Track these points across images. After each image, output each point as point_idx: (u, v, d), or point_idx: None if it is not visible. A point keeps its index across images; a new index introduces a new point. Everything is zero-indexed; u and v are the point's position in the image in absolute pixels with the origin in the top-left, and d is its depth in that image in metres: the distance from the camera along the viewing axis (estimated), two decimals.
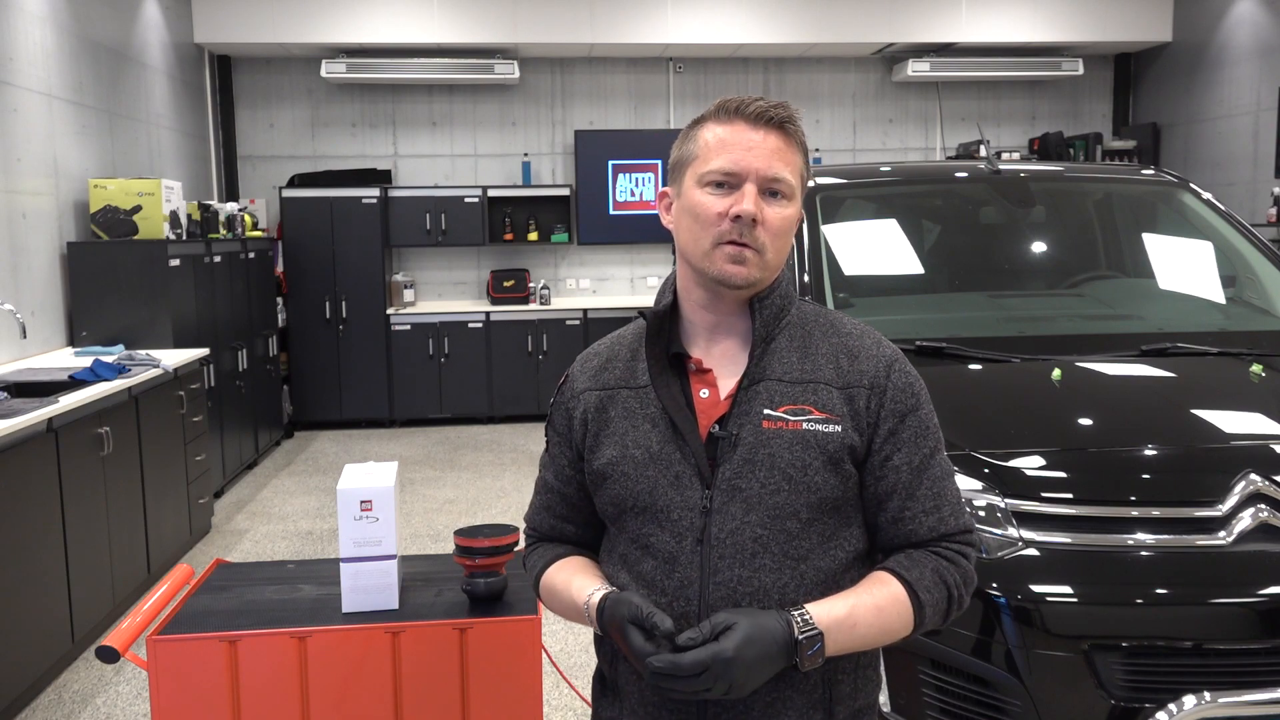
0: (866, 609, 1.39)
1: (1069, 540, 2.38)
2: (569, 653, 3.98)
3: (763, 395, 1.44)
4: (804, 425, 1.42)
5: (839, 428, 1.43)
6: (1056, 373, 2.91)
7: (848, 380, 1.46)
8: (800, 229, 3.46)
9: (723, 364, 1.49)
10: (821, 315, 1.54)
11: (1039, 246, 3.83)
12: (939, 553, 1.45)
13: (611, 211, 8.69)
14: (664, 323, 1.51)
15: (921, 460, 1.46)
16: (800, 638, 1.33)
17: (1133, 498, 2.45)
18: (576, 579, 1.50)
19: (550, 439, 1.61)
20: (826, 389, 1.45)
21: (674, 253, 1.56)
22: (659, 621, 1.33)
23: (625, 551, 1.48)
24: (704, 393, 1.47)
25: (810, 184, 3.77)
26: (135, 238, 5.69)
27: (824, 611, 1.37)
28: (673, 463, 1.44)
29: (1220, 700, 2.19)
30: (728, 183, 1.43)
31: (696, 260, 1.46)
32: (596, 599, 1.43)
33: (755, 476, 1.41)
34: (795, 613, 1.35)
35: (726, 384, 1.48)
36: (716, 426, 1.44)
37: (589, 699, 1.66)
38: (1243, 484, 2.39)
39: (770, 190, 1.43)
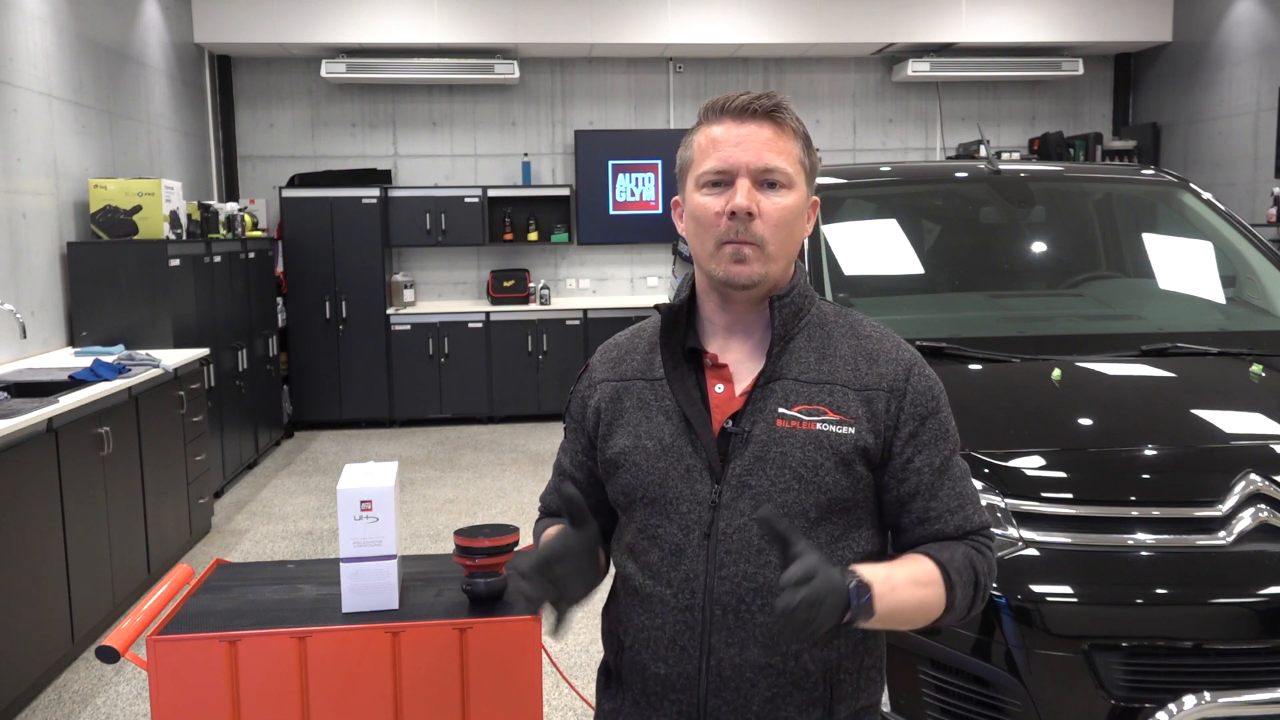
0: (904, 578, 1.37)
1: (1069, 540, 2.38)
2: (569, 653, 3.98)
3: (778, 394, 1.44)
4: (818, 426, 1.42)
5: (852, 429, 1.43)
6: (1056, 373, 2.91)
7: (865, 383, 1.46)
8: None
9: (739, 360, 1.50)
10: (841, 316, 1.54)
11: (1039, 246, 3.83)
12: (969, 543, 1.47)
13: (611, 211, 8.69)
14: (679, 317, 1.52)
15: (942, 461, 1.47)
16: (851, 585, 1.28)
17: (1133, 498, 2.45)
18: (551, 530, 1.55)
19: (567, 424, 1.64)
20: (843, 391, 1.45)
21: (675, 253, 1.57)
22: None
23: (633, 541, 1.49)
24: (719, 388, 1.48)
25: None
26: (135, 238, 5.68)
27: (865, 571, 1.32)
28: (684, 456, 1.45)
29: (1220, 700, 2.19)
30: (722, 180, 1.43)
31: (704, 263, 1.47)
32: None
33: (766, 474, 1.41)
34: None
35: (742, 380, 1.48)
36: (730, 422, 1.45)
37: (589, 699, 1.66)
38: (1243, 484, 2.39)
39: (766, 181, 1.43)
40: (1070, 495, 2.49)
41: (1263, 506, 2.36)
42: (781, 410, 1.43)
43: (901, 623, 1.39)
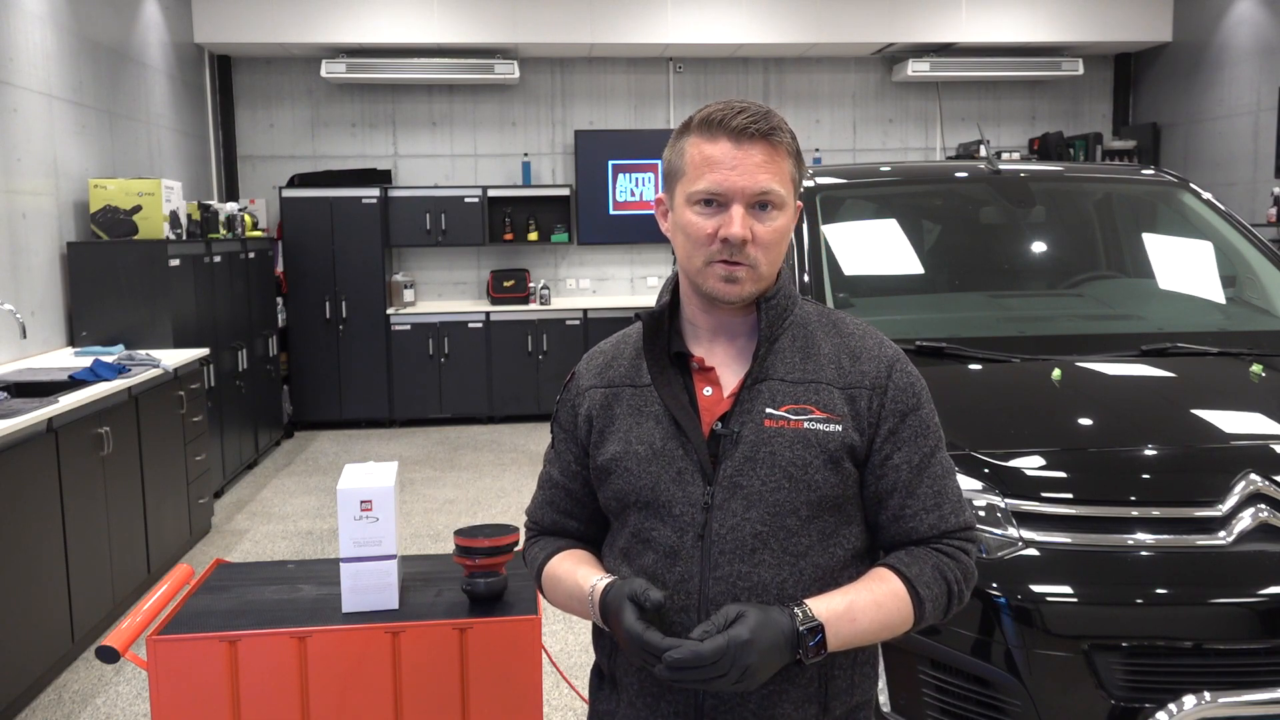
0: (866, 604, 1.40)
1: (1069, 540, 2.38)
2: (569, 653, 3.98)
3: (765, 394, 1.46)
4: (805, 424, 1.44)
5: (839, 427, 1.44)
6: (1056, 373, 2.91)
7: (849, 381, 1.47)
8: (800, 228, 3.46)
9: (725, 362, 1.51)
10: (824, 315, 1.56)
11: (1039, 246, 3.84)
12: (940, 549, 1.47)
13: (611, 211, 8.69)
14: (661, 323, 1.53)
15: (922, 459, 1.48)
16: (802, 629, 1.34)
17: (1133, 498, 2.45)
18: (581, 569, 1.52)
19: (556, 435, 1.63)
20: (828, 389, 1.46)
21: (674, 253, 1.58)
22: (651, 595, 1.35)
23: (626, 545, 1.50)
24: (707, 390, 1.49)
25: (810, 184, 3.79)
26: (135, 238, 5.68)
27: (823, 606, 1.38)
28: (675, 459, 1.46)
29: (1220, 700, 2.19)
30: (716, 200, 1.44)
31: (691, 275, 1.49)
32: (601, 586, 1.45)
33: (756, 474, 1.43)
34: (795, 607, 1.37)
35: (729, 382, 1.49)
36: (719, 424, 1.46)
37: (588, 697, 1.66)
38: (1243, 484, 2.39)
39: (759, 203, 1.43)
40: (1070, 495, 2.49)
41: (1263, 506, 2.36)
42: (769, 410, 1.45)
43: (865, 644, 1.44)
